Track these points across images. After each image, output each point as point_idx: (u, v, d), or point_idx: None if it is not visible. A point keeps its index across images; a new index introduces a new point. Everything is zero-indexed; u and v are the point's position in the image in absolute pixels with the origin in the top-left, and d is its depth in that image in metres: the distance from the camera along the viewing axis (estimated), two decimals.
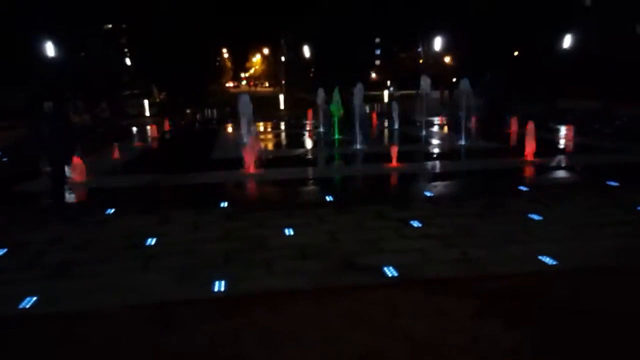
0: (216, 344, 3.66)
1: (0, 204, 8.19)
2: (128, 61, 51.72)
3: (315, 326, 3.85)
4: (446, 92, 41.13)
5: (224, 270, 5.07)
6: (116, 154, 13.05)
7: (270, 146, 15.73)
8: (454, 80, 49.33)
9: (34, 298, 4.50)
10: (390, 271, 4.90)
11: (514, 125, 17.36)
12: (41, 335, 3.91)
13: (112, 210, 7.50)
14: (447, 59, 56.53)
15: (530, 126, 11.28)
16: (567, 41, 36.91)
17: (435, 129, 19.54)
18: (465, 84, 14.02)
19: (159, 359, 3.49)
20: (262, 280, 4.81)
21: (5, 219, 7.26)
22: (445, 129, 19.52)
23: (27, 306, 4.37)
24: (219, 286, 4.69)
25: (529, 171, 10.35)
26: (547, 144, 13.53)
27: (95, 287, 4.75)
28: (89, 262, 5.41)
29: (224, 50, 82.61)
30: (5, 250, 5.84)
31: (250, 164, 10.48)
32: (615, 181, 8.61)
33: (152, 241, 6.02)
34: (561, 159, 11.91)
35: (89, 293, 4.61)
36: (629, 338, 3.64)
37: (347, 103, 15.99)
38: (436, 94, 37.85)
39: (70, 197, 8.36)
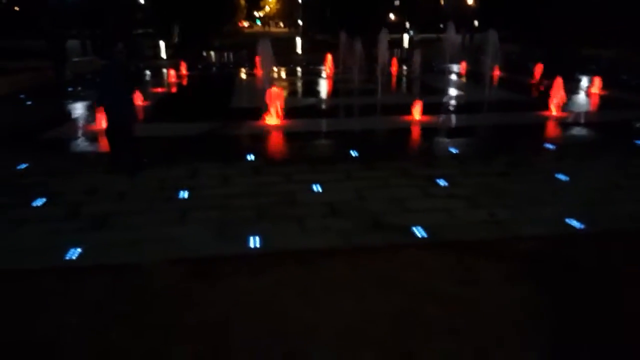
0: (256, 300, 3.87)
1: (31, 151, 8.35)
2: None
3: (351, 286, 4.04)
4: (467, 36, 39.84)
5: (258, 226, 5.25)
6: (138, 100, 13.07)
7: (290, 94, 15.60)
8: (476, 23, 47.65)
9: (78, 249, 4.74)
10: (419, 231, 5.04)
11: (538, 75, 16.98)
12: (88, 285, 4.16)
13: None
14: (469, 1, 54.30)
15: (558, 80, 11.03)
16: None
17: (458, 78, 19.16)
18: (493, 35, 13.57)
19: (204, 315, 3.71)
20: (295, 238, 4.98)
21: (39, 168, 7.45)
22: (468, 78, 19.11)
23: (74, 257, 4.62)
24: (254, 242, 4.88)
25: (555, 127, 10.24)
26: (572, 98, 13.28)
27: (136, 239, 4.97)
28: (127, 214, 5.63)
29: None
30: (45, 200, 6.06)
31: (271, 114, 10.49)
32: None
33: (184, 194, 6.20)
34: (587, 114, 11.73)
35: (131, 245, 4.84)
36: None
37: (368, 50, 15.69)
38: (458, 38, 36.67)
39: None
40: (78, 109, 12.61)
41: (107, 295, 4.00)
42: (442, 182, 6.51)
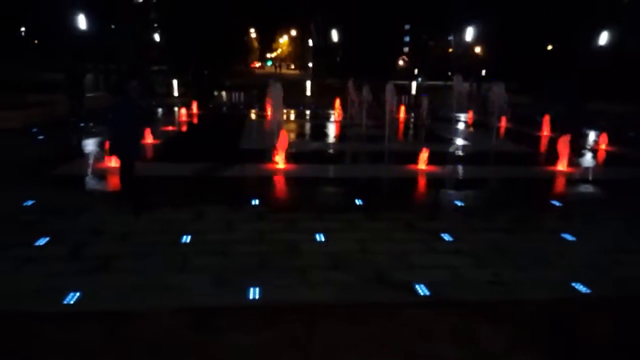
0: (254, 356, 3.79)
1: (38, 188, 8.42)
2: (157, 37, 52.04)
3: (350, 346, 3.96)
4: (474, 85, 40.49)
5: (259, 276, 5.20)
6: (148, 138, 13.27)
7: (298, 138, 15.78)
8: (483, 72, 48.56)
9: (77, 293, 4.70)
10: (422, 289, 4.97)
11: (545, 128, 17.13)
12: (85, 333, 4.09)
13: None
14: (477, 50, 55.53)
15: (565, 136, 11.09)
16: (604, 39, 35.88)
17: (465, 127, 19.36)
18: (499, 85, 13.80)
19: None
20: (296, 291, 4.92)
21: (45, 206, 7.48)
22: (474, 128, 19.31)
23: (72, 302, 4.58)
24: (254, 293, 4.82)
25: (560, 183, 10.23)
26: (578, 153, 13.33)
27: (137, 285, 4.93)
28: (129, 257, 5.61)
29: (251, 30, 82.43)
30: (48, 239, 6.06)
31: (279, 158, 10.58)
32: None
33: (187, 238, 6.19)
34: (594, 170, 11.75)
35: (130, 291, 4.79)
36: None
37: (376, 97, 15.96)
38: (465, 87, 37.28)
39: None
40: (89, 145, 12.79)
41: (103, 345, 3.93)
42: (446, 237, 6.47)
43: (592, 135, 16.98)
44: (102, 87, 28.98)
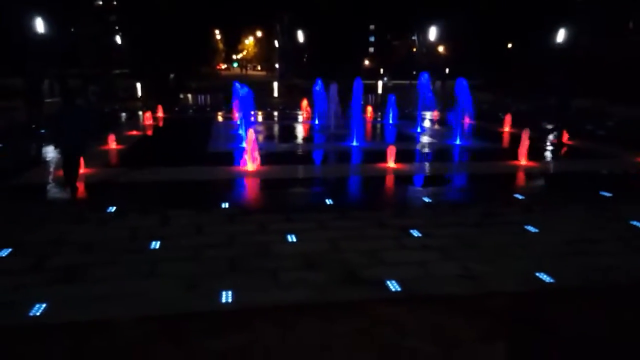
0: None
1: None
2: (118, 39, 50.91)
3: (324, 345, 3.97)
4: (438, 83, 41.19)
5: (230, 279, 5.15)
6: (112, 144, 12.97)
7: (266, 139, 15.71)
8: (447, 71, 49.50)
9: (44, 305, 4.55)
10: (393, 285, 5.03)
11: (507, 124, 17.61)
12: (52, 346, 3.97)
13: (114, 209, 7.51)
14: (440, 49, 56.56)
15: (525, 131, 11.44)
16: (560, 37, 37.10)
17: (430, 124, 19.68)
18: (463, 83, 14.09)
19: None
20: (268, 292, 4.90)
21: (5, 217, 7.22)
22: (440, 125, 19.66)
23: (38, 313, 4.43)
24: (226, 297, 4.77)
25: (524, 177, 10.52)
26: (539, 147, 13.75)
27: (103, 294, 4.81)
28: (94, 266, 5.46)
29: (216, 32, 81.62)
30: (10, 250, 5.85)
31: (247, 160, 10.52)
32: (609, 191, 8.82)
33: (155, 244, 6.08)
34: (555, 164, 12.13)
35: (97, 300, 4.67)
36: None
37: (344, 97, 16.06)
38: (429, 86, 37.85)
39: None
40: (49, 153, 12.40)
41: (70, 357, 3.82)
42: (416, 233, 6.56)
43: (549, 129, 17.54)
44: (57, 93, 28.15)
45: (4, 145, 13.43)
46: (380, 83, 37.84)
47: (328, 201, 8.13)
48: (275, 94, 34.26)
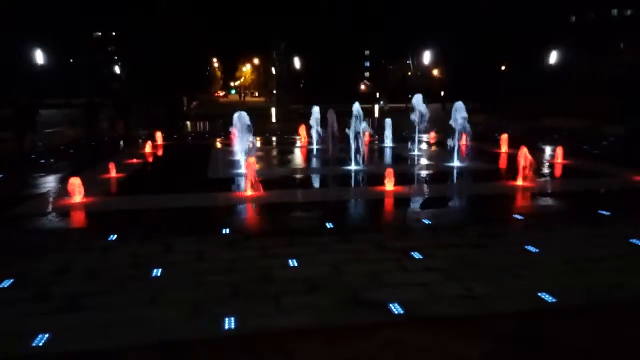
0: None
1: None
2: (117, 69, 51.61)
3: None
4: (433, 106, 41.60)
5: (232, 305, 5.16)
6: (112, 172, 13.05)
7: (266, 165, 15.82)
8: (442, 93, 50.12)
9: (47, 335, 4.54)
10: (396, 308, 5.03)
11: (503, 145, 17.77)
12: None
13: (115, 237, 7.54)
14: (435, 72, 57.37)
15: (523, 150, 11.54)
16: (553, 57, 37.71)
17: (428, 147, 19.84)
18: (460, 106, 14.28)
19: None
20: (271, 318, 4.90)
21: (7, 247, 7.24)
22: (437, 147, 19.82)
23: (41, 344, 4.42)
24: (229, 323, 4.77)
25: (523, 197, 10.59)
26: (538, 167, 13.84)
27: (107, 322, 4.80)
28: (97, 295, 5.46)
29: (214, 60, 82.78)
30: (12, 281, 5.86)
31: (247, 186, 10.59)
32: (607, 210, 8.87)
33: (157, 272, 6.09)
34: (553, 184, 12.21)
35: (101, 329, 4.67)
36: None
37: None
38: (426, 108, 38.27)
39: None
40: (47, 182, 12.46)
41: None
42: (417, 255, 6.58)
43: (543, 150, 17.68)
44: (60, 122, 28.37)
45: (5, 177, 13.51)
46: (377, 107, 38.25)
47: (329, 225, 8.16)
48: (274, 120, 34.58)
